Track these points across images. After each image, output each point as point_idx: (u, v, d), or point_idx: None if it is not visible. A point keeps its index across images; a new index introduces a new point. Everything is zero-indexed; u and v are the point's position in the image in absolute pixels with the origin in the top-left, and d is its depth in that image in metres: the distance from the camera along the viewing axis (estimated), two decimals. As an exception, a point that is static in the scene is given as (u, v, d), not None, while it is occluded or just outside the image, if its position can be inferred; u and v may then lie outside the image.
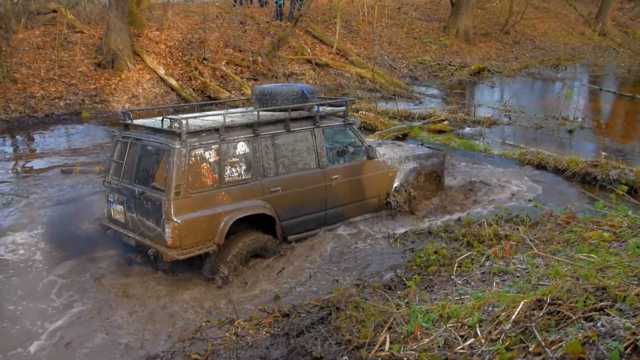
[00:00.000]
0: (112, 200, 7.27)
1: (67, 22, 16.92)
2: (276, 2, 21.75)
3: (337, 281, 6.72)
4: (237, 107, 9.50)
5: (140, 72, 16.13)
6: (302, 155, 7.55)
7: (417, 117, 14.96)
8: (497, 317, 4.09)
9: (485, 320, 4.26)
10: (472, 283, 5.51)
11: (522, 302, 3.90)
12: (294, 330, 5.01)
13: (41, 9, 17.61)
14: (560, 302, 3.69)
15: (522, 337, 3.52)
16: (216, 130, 6.74)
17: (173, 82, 16.13)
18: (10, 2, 17.17)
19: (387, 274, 6.72)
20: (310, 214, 7.67)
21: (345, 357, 4.45)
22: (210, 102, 14.10)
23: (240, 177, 6.89)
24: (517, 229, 7.65)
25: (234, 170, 6.84)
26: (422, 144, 9.96)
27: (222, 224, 6.64)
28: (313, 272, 7.12)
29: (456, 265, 6.38)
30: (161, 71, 16.31)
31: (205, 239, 6.57)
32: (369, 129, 13.86)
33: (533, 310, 3.74)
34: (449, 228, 8.06)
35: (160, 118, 6.90)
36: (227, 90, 16.40)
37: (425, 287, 5.90)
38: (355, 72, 19.17)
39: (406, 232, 8.06)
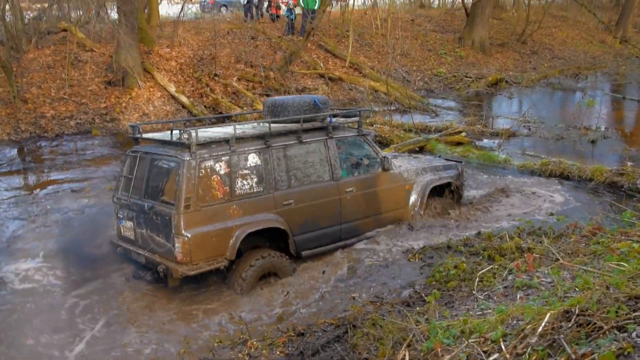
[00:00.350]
0: (121, 216, 7.08)
1: (77, 41, 16.85)
2: (287, 16, 21.58)
3: (354, 298, 6.40)
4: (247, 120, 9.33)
5: (151, 89, 15.97)
6: (315, 167, 7.30)
7: (434, 129, 14.58)
8: (522, 330, 3.76)
9: (510, 334, 3.91)
10: (495, 298, 5.22)
11: (548, 314, 3.57)
12: (309, 350, 4.75)
13: (51, 28, 17.59)
14: (590, 312, 3.42)
15: (550, 351, 3.22)
16: (226, 141, 6.55)
17: (184, 99, 15.92)
18: (22, 22, 17.19)
19: (405, 291, 6.39)
20: (324, 229, 7.38)
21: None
22: (221, 115, 13.86)
23: (251, 190, 6.67)
24: (540, 242, 7.39)
25: (245, 182, 6.62)
26: (439, 156, 9.60)
27: (233, 239, 6.41)
28: (326, 290, 6.81)
29: (477, 279, 6.09)
30: (172, 88, 16.13)
31: (216, 254, 6.34)
32: (384, 142, 13.51)
33: (561, 322, 3.43)
34: (468, 242, 7.73)
35: (170, 130, 6.71)
36: (239, 107, 16.17)
37: (446, 303, 5.64)
38: (369, 86, 18.85)
39: (424, 246, 7.72)
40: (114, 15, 17.72)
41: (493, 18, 27.89)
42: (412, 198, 8.34)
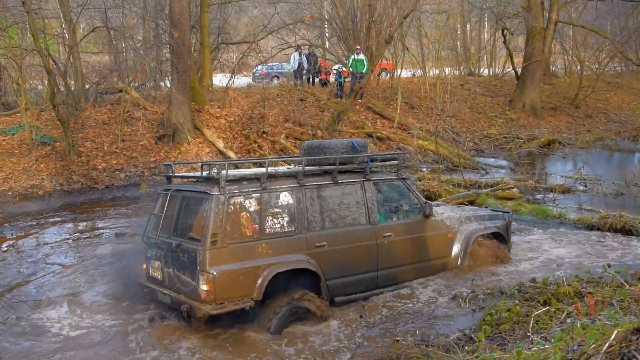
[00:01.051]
0: (149, 255, 6.91)
1: (131, 100, 17.47)
2: (336, 79, 21.90)
3: (397, 341, 6.04)
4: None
5: (200, 145, 16.24)
6: (350, 210, 7.00)
7: (484, 185, 14.10)
8: (585, 352, 3.29)
9: (571, 359, 3.43)
10: (552, 340, 4.74)
11: (615, 331, 3.18)
12: None
13: (109, 89, 18.35)
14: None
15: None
16: (257, 178, 6.39)
17: (232, 154, 16.07)
18: (82, 83, 18.05)
19: (453, 335, 5.94)
20: (359, 274, 6.99)
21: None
22: (258, 159, 13.74)
23: (282, 229, 6.41)
24: (601, 288, 6.86)
25: (275, 221, 6.38)
26: (485, 207, 9.17)
27: (261, 278, 6.10)
28: (367, 334, 6.39)
29: (532, 321, 5.58)
30: (220, 144, 16.36)
31: (242, 294, 6.03)
32: (432, 197, 13.12)
33: (630, 337, 3.02)
34: (522, 288, 7.26)
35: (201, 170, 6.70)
36: (287, 163, 16.15)
37: (498, 345, 5.16)
38: (417, 144, 18.65)
39: (473, 291, 7.26)
40: (168, 82, 18.35)
41: (544, 84, 27.60)
42: (456, 247, 7.88)
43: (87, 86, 18.62)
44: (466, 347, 5.22)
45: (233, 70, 21.80)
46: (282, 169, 7.31)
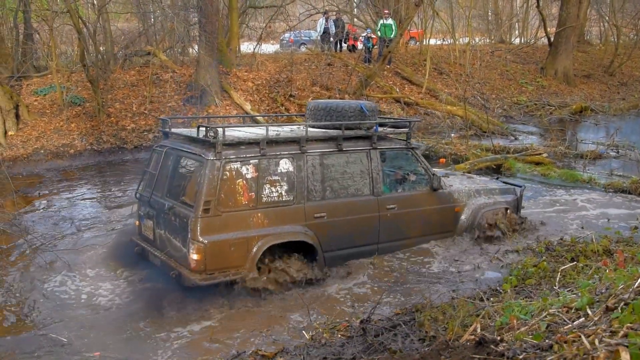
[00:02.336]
0: (142, 214, 6.71)
1: (160, 63, 17.53)
2: (365, 44, 21.64)
3: (423, 295, 5.95)
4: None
5: (227, 107, 16.27)
6: (354, 179, 6.65)
7: (512, 151, 13.88)
8: (611, 295, 3.24)
9: (598, 301, 3.39)
10: (579, 294, 4.70)
11: None
12: (372, 331, 4.37)
13: (137, 51, 18.44)
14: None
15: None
16: (257, 143, 6.02)
17: (259, 117, 16.06)
18: (111, 45, 18.17)
19: (479, 288, 5.92)
20: (358, 247, 6.73)
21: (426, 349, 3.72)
22: (263, 115, 13.30)
23: (280, 198, 6.12)
24: (630, 246, 6.78)
25: (273, 189, 6.08)
26: (497, 178, 8.86)
27: (254, 250, 5.87)
28: (395, 288, 6.36)
29: (559, 276, 5.54)
30: (247, 107, 16.37)
31: (233, 265, 5.81)
32: (459, 160, 13.01)
33: None
34: (550, 246, 7.18)
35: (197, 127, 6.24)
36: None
37: (524, 298, 5.12)
38: (445, 110, 18.41)
39: (500, 249, 7.21)
40: (195, 47, 18.29)
41: (578, 51, 26.87)
42: (462, 222, 7.54)
43: (115, 49, 18.74)
44: (491, 299, 5.20)
45: (260, 36, 21.68)
46: (286, 130, 6.94)
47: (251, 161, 5.95)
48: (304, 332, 5.08)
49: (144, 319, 5.73)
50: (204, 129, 5.98)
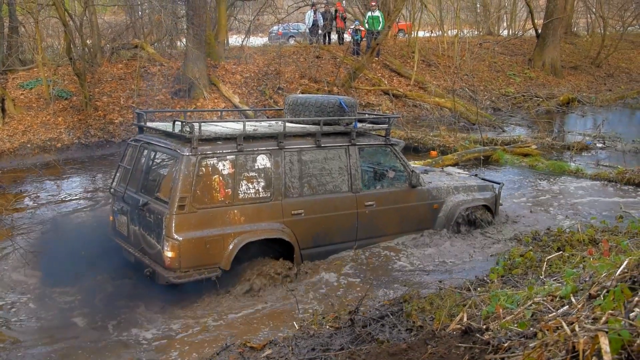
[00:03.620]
0: (116, 209, 6.60)
1: (147, 55, 17.42)
2: (353, 37, 21.60)
3: (408, 286, 6.08)
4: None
5: (216, 100, 16.22)
6: (332, 176, 6.61)
7: (500, 142, 13.97)
8: (594, 283, 3.30)
9: (582, 290, 3.44)
10: (564, 282, 4.77)
11: (627, 260, 3.18)
12: (360, 322, 4.41)
13: (125, 44, 18.31)
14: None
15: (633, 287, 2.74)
16: (234, 139, 5.93)
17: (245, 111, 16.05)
18: (98, 39, 18.01)
19: (465, 278, 6.00)
20: (336, 244, 6.72)
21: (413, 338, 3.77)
22: (240, 109, 13.19)
23: (257, 195, 6.05)
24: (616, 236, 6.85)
25: (250, 186, 6.01)
26: (475, 175, 8.97)
27: (230, 247, 5.80)
28: (381, 281, 6.43)
29: (545, 265, 5.62)
30: (236, 99, 16.33)
31: (209, 262, 5.74)
32: (447, 152, 13.08)
33: None
34: (537, 236, 7.26)
35: (173, 121, 6.13)
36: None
37: (511, 287, 5.17)
38: (434, 102, 18.46)
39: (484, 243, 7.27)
40: (183, 40, 18.19)
41: (565, 42, 27.02)
42: (440, 219, 7.55)
43: (102, 42, 18.59)
44: (478, 289, 5.26)
45: (249, 28, 21.60)
46: (264, 125, 6.84)
47: (228, 157, 5.87)
48: (293, 323, 5.11)
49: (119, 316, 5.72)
50: (179, 123, 5.91)
